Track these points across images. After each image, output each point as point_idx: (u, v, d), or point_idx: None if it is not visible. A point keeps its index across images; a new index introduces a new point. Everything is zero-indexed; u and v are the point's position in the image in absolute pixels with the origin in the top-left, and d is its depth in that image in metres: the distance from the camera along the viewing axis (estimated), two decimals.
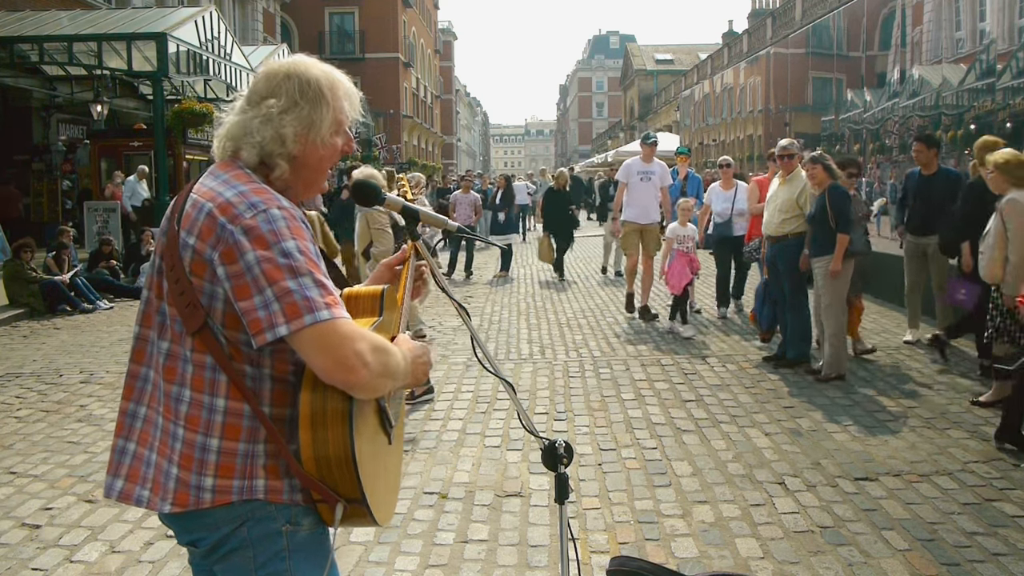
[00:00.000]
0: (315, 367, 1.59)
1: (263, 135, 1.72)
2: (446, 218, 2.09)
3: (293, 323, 1.55)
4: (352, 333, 1.60)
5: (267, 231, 1.59)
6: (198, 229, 1.63)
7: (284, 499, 1.68)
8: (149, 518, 4.16)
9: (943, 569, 3.53)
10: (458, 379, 6.94)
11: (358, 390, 1.62)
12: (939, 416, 5.64)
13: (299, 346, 1.58)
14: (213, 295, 1.64)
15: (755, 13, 32.60)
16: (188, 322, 1.65)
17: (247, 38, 27.85)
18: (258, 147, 1.72)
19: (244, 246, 1.58)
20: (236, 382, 1.65)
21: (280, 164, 1.74)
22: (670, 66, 50.86)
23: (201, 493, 1.64)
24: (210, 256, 1.61)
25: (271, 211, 1.62)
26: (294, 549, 1.72)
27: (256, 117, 1.73)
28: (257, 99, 1.76)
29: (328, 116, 1.76)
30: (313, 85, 1.76)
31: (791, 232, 6.94)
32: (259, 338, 1.58)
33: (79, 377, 7.28)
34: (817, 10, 20.68)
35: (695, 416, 5.78)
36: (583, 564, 3.61)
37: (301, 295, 1.56)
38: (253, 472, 1.66)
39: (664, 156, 11.48)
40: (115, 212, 14.47)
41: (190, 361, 1.67)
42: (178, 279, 1.65)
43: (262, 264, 1.57)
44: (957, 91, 9.39)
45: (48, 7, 16.58)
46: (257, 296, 1.57)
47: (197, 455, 1.65)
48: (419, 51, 51.45)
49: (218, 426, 1.65)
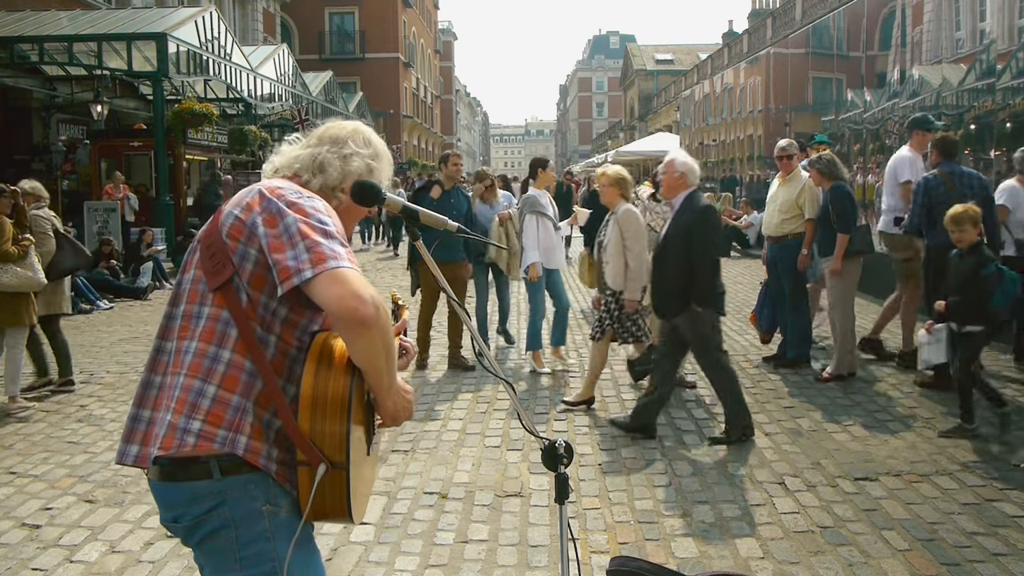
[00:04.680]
0: (329, 300, 1.66)
1: (332, 167, 1.98)
2: (446, 218, 2.08)
3: (317, 267, 1.67)
4: (367, 283, 1.71)
5: (308, 207, 1.78)
6: (245, 202, 1.81)
7: (261, 463, 1.74)
8: (149, 518, 4.16)
9: (943, 569, 3.53)
10: (458, 379, 6.94)
11: (363, 327, 1.67)
12: (939, 416, 5.64)
13: (318, 287, 1.67)
14: (245, 255, 1.77)
15: (755, 13, 32.62)
16: (213, 278, 1.77)
17: (247, 38, 27.85)
18: (323, 180, 1.97)
19: (286, 212, 1.75)
20: (247, 337, 1.75)
21: (340, 197, 1.98)
22: (670, 66, 50.85)
23: (186, 436, 1.71)
24: (252, 220, 1.77)
25: (315, 199, 1.83)
26: (276, 530, 1.76)
27: (326, 152, 2.00)
28: (324, 141, 2.03)
29: (379, 168, 2.05)
30: (374, 141, 2.08)
31: (791, 232, 6.94)
32: (286, 283, 1.69)
33: (79, 377, 7.26)
34: (817, 10, 20.67)
35: (696, 416, 5.78)
36: (583, 564, 3.61)
37: (328, 247, 1.70)
38: (240, 426, 1.73)
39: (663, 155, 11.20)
40: (115, 212, 14.48)
41: (204, 316, 1.77)
42: (211, 244, 1.80)
43: (299, 224, 1.73)
44: (957, 91, 9.39)
45: (48, 7, 16.59)
46: (290, 250, 1.70)
47: (191, 399, 1.73)
48: (419, 51, 51.45)
49: (218, 375, 1.74)
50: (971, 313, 5.13)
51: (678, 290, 5.05)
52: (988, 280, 5.09)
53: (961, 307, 5.16)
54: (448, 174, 7.34)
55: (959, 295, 5.19)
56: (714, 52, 36.51)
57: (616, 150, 33.13)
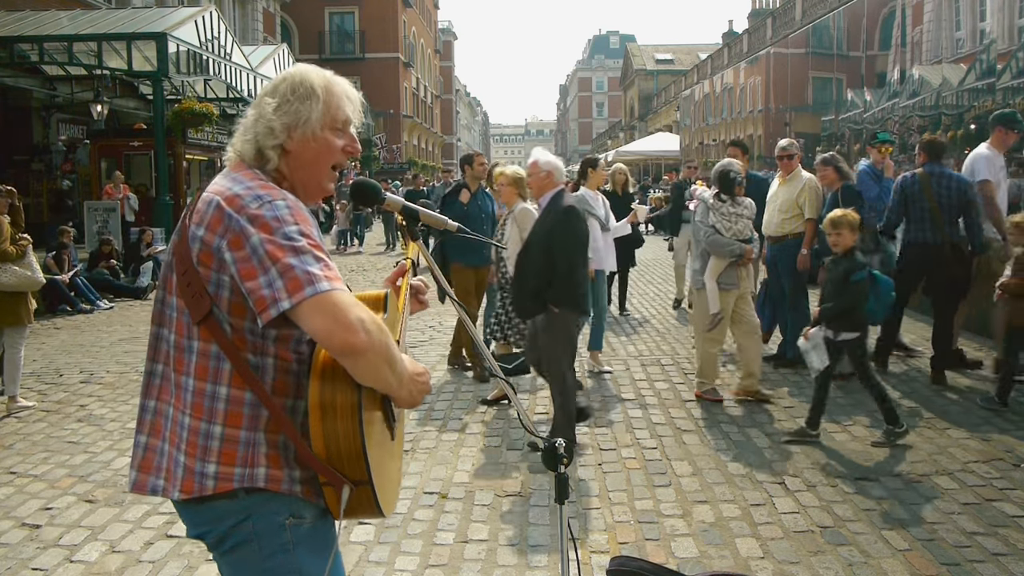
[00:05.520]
0: (316, 331, 1.61)
1: (256, 128, 1.82)
2: (446, 218, 2.09)
3: (295, 296, 1.59)
4: (352, 302, 1.64)
5: (271, 217, 1.66)
6: (207, 221, 1.70)
7: (283, 488, 1.72)
8: (149, 518, 4.16)
9: (943, 569, 3.53)
10: (458, 379, 6.94)
11: (358, 356, 1.62)
12: (939, 416, 5.64)
13: (301, 317, 1.61)
14: (219, 283, 1.69)
15: (755, 13, 32.61)
16: (194, 311, 1.70)
17: (247, 38, 27.85)
18: (252, 141, 1.82)
19: (249, 231, 1.64)
20: (240, 369, 1.70)
21: (270, 156, 1.81)
22: (670, 66, 50.86)
23: (204, 480, 1.69)
24: (218, 245, 1.67)
25: (276, 202, 1.69)
26: (298, 542, 1.75)
27: (252, 115, 1.84)
28: (257, 101, 1.86)
29: (317, 110, 1.83)
30: (305, 84, 1.85)
31: (791, 232, 6.93)
32: (264, 315, 1.62)
33: (79, 377, 7.28)
34: (817, 10, 20.67)
35: (695, 416, 5.78)
36: (583, 564, 3.61)
37: (302, 270, 1.61)
38: (255, 460, 1.70)
39: (663, 155, 11.12)
40: (115, 212, 14.47)
41: (195, 351, 1.72)
42: (185, 271, 1.71)
43: (265, 245, 1.62)
44: (957, 91, 9.39)
45: (48, 7, 16.57)
46: (262, 276, 1.62)
47: (201, 442, 1.70)
48: (419, 51, 51.45)
49: (220, 413, 1.70)
50: (843, 320, 5.05)
51: (537, 290, 4.90)
52: (859, 286, 5.01)
53: (833, 313, 5.08)
54: (475, 175, 7.12)
55: (832, 301, 5.11)
56: (714, 52, 36.53)
57: (616, 150, 33.18)
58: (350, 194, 1.98)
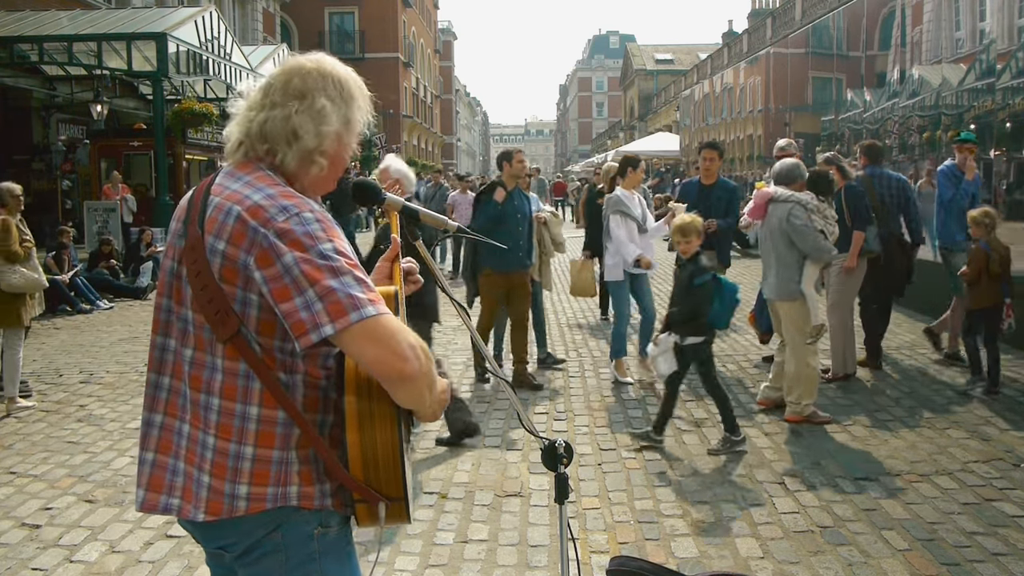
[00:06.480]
0: (367, 359, 1.55)
1: (306, 130, 1.68)
2: (446, 218, 2.10)
3: (339, 322, 1.52)
4: (401, 328, 1.58)
5: (302, 234, 1.56)
6: (228, 233, 1.59)
7: (315, 504, 1.68)
8: (149, 518, 4.15)
9: (943, 569, 3.53)
10: (458, 379, 6.94)
11: (407, 383, 1.58)
12: (939, 416, 5.65)
13: (347, 343, 1.55)
14: (247, 301, 1.61)
15: (755, 13, 32.60)
16: (219, 329, 1.61)
17: (247, 38, 27.84)
18: (299, 148, 1.69)
19: (281, 249, 1.55)
20: (271, 388, 1.62)
21: (320, 162, 1.72)
22: (670, 66, 50.84)
23: (236, 501, 1.63)
24: (244, 261, 1.58)
25: (304, 214, 1.59)
26: (324, 551, 1.73)
27: (294, 114, 1.68)
28: (289, 97, 1.70)
29: (357, 116, 1.77)
30: (346, 85, 1.75)
31: None
32: (303, 340, 1.54)
33: (79, 377, 7.28)
34: (817, 10, 20.67)
35: (695, 416, 5.78)
36: (583, 564, 3.61)
37: (344, 293, 1.53)
38: (287, 479, 1.65)
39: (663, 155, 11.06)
40: (115, 212, 14.47)
41: (220, 369, 1.64)
42: (205, 285, 1.61)
43: (301, 265, 1.53)
44: (957, 91, 9.39)
45: (48, 7, 16.57)
46: (298, 297, 1.53)
47: (231, 463, 1.63)
48: (419, 51, 51.44)
49: (252, 434, 1.63)
50: (689, 324, 5.02)
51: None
52: (701, 290, 4.99)
53: (679, 317, 5.05)
54: (513, 173, 6.56)
55: (677, 305, 5.09)
56: (714, 52, 36.52)
57: (616, 150, 33.13)
58: (351, 194, 1.97)
